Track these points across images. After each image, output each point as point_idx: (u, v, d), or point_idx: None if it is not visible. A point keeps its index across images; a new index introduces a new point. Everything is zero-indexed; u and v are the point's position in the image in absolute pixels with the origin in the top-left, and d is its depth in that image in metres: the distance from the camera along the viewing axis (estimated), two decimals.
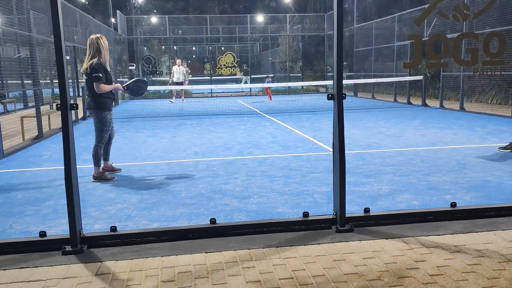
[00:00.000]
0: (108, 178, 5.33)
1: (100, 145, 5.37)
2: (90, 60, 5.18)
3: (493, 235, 3.27)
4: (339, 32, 3.30)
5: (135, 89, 5.61)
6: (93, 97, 5.25)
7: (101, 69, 5.17)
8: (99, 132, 5.33)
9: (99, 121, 5.29)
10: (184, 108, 15.41)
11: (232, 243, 3.23)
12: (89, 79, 5.20)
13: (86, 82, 5.31)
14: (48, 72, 13.61)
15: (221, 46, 30.66)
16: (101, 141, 5.37)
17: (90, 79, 5.18)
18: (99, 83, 5.16)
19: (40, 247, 3.17)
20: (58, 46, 3.00)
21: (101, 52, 5.20)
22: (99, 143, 5.36)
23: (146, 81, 5.71)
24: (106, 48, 5.28)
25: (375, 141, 7.66)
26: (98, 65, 5.16)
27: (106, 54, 5.28)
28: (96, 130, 5.34)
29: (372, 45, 18.43)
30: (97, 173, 5.33)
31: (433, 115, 11.52)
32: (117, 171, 5.73)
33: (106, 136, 5.41)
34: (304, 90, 24.10)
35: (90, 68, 5.16)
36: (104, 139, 5.39)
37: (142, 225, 3.70)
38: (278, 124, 10.48)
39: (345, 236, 3.32)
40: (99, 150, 5.36)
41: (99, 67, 5.16)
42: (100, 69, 5.17)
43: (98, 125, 5.31)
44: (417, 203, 4.12)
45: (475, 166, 5.53)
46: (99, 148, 5.36)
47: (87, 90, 5.37)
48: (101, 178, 5.30)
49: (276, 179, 5.14)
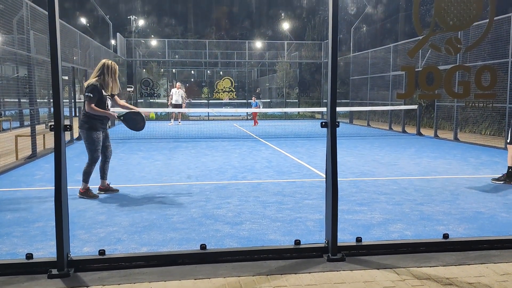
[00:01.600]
0: (93, 195, 5.42)
1: (92, 164, 5.46)
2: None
3: (485, 268, 3.24)
4: (333, 61, 3.36)
5: (131, 123, 5.63)
6: (83, 116, 5.40)
7: (94, 90, 5.30)
8: (89, 151, 5.45)
9: (85, 140, 5.43)
10: (180, 131, 15.44)
11: (222, 270, 3.18)
12: (84, 99, 5.35)
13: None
14: (45, 92, 13.67)
15: (219, 70, 31.01)
16: (92, 160, 5.46)
17: (84, 100, 5.33)
18: (90, 103, 5.28)
19: (26, 269, 3.11)
20: (55, 68, 3.03)
21: (104, 75, 5.36)
22: (91, 162, 5.46)
23: (142, 116, 5.65)
24: (112, 74, 5.41)
25: (369, 169, 7.68)
26: (92, 86, 5.31)
27: (110, 79, 5.39)
28: (86, 149, 5.46)
29: (367, 74, 18.69)
30: (83, 189, 5.43)
31: (427, 144, 11.59)
32: (114, 191, 5.72)
33: (97, 155, 5.47)
34: (300, 116, 24.27)
35: (85, 87, 5.35)
36: (95, 158, 5.46)
37: (132, 249, 3.65)
38: (273, 149, 10.50)
39: (336, 265, 3.28)
40: (90, 168, 5.45)
41: (93, 88, 5.30)
42: (94, 90, 5.30)
43: (86, 143, 5.44)
44: (410, 233, 4.10)
45: (468, 197, 5.53)
46: (91, 166, 5.45)
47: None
48: (86, 195, 5.39)
49: (269, 205, 5.11)
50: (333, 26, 3.31)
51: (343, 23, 26.73)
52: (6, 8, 8.14)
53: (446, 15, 3.54)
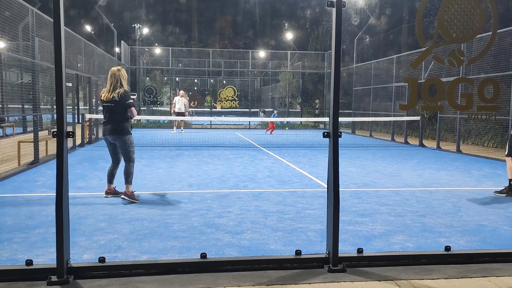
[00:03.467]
0: (135, 199, 5.62)
1: (133, 164, 5.73)
2: (114, 90, 5.55)
3: (487, 281, 3.22)
4: (336, 72, 3.36)
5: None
6: (118, 123, 5.59)
7: (130, 97, 5.66)
8: (129, 153, 5.68)
9: (125, 144, 5.64)
10: (182, 139, 15.46)
11: (222, 279, 3.16)
12: (116, 106, 5.54)
13: (107, 108, 5.60)
14: (49, 98, 13.72)
15: (222, 79, 31.11)
16: (132, 160, 5.72)
17: (120, 106, 5.53)
18: (133, 107, 5.65)
19: (26, 276, 3.10)
20: (59, 76, 3.04)
21: (122, 82, 5.59)
22: (131, 162, 5.70)
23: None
24: (125, 79, 5.67)
25: (372, 179, 7.66)
26: (128, 93, 5.63)
27: (125, 84, 5.66)
28: (124, 153, 5.69)
29: (370, 85, 18.73)
30: (128, 191, 5.62)
31: (429, 156, 11.57)
32: (120, 194, 5.81)
33: (134, 155, 5.76)
34: (302, 125, 24.28)
35: (121, 96, 5.52)
36: (134, 158, 5.74)
37: (132, 257, 3.64)
38: (275, 158, 10.49)
39: (337, 276, 3.26)
40: (132, 169, 5.70)
41: (129, 95, 5.66)
42: (130, 97, 5.66)
43: (126, 147, 5.65)
44: (411, 245, 4.08)
45: (470, 210, 5.50)
46: (132, 166, 5.71)
47: (107, 116, 5.64)
48: (132, 198, 5.59)
49: (271, 214, 5.10)
50: (336, 37, 3.33)
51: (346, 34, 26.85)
52: (12, 15, 8.22)
53: (449, 27, 3.56)
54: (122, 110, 5.58)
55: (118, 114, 5.56)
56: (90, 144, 13.15)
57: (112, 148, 5.77)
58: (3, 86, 10.64)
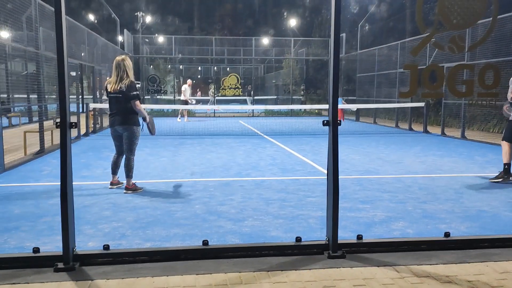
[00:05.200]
0: (139, 189, 5.68)
1: (133, 158, 5.73)
2: (121, 80, 5.53)
3: (485, 267, 3.26)
4: (335, 60, 3.37)
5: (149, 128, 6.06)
6: (128, 114, 5.59)
7: (137, 89, 5.65)
8: (133, 145, 5.70)
9: (133, 135, 5.65)
10: (185, 128, 15.52)
11: (224, 265, 3.23)
12: (124, 97, 5.52)
13: (115, 99, 5.60)
14: (54, 88, 13.79)
15: (226, 67, 31.05)
16: (133, 153, 5.73)
17: (127, 97, 5.52)
18: (138, 100, 5.60)
19: (33, 263, 3.18)
20: (61, 66, 3.08)
21: (128, 72, 5.56)
22: (132, 155, 5.71)
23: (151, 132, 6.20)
24: (131, 69, 5.63)
25: (374, 166, 7.68)
26: (134, 84, 5.60)
27: (131, 73, 5.62)
28: (128, 144, 5.67)
29: (375, 71, 18.62)
30: (129, 185, 5.64)
31: (434, 142, 11.56)
32: (121, 184, 5.91)
33: (136, 148, 5.76)
34: (306, 113, 24.24)
35: (128, 87, 5.51)
36: (135, 150, 5.75)
37: (136, 245, 3.71)
38: (278, 146, 10.53)
39: (336, 262, 3.32)
40: (132, 162, 5.71)
41: (136, 87, 5.64)
42: (137, 88, 5.65)
43: (132, 139, 5.66)
44: (411, 231, 4.12)
45: (472, 196, 5.53)
46: (133, 160, 5.72)
47: (115, 108, 5.63)
48: (134, 189, 5.63)
49: (272, 202, 5.16)
50: (335, 26, 3.33)
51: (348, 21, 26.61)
52: (15, 6, 8.23)
53: (450, 14, 3.55)
54: (130, 100, 5.58)
55: (127, 104, 5.54)
56: (95, 134, 13.25)
57: (119, 139, 5.75)
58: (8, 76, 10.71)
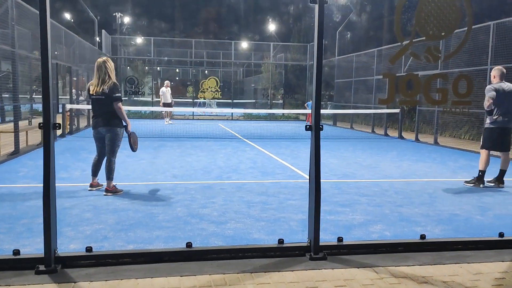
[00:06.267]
0: (119, 191, 5.65)
1: (114, 160, 5.69)
2: (103, 83, 5.48)
3: (459, 268, 3.40)
4: (318, 65, 3.47)
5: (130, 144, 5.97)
6: (110, 116, 5.55)
7: (119, 91, 5.62)
8: (115, 147, 5.66)
9: (115, 137, 5.61)
10: (164, 130, 15.43)
11: (208, 267, 3.27)
12: (106, 98, 5.48)
13: (97, 102, 5.55)
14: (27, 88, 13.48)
15: (204, 70, 30.98)
16: (115, 155, 5.69)
17: (109, 99, 5.48)
18: (120, 102, 5.57)
19: (13, 265, 3.15)
20: (45, 66, 3.07)
21: (110, 74, 5.53)
22: (114, 157, 5.68)
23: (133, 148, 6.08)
24: (113, 70, 5.60)
25: (351, 171, 7.85)
26: (117, 86, 5.57)
27: (113, 75, 5.59)
28: (111, 145, 5.63)
29: (352, 77, 18.96)
30: (110, 187, 5.60)
31: (408, 148, 11.86)
32: (100, 186, 5.87)
33: (118, 150, 5.72)
34: (284, 117, 24.44)
35: (110, 88, 5.47)
36: (117, 152, 5.70)
37: (118, 247, 3.70)
38: (258, 149, 10.61)
39: (318, 263, 3.40)
40: (114, 164, 5.68)
41: (118, 89, 5.61)
42: (119, 90, 5.61)
43: (114, 141, 5.62)
44: (389, 234, 4.25)
45: (445, 200, 5.73)
46: (114, 162, 5.68)
47: (98, 110, 5.60)
48: (115, 191, 5.61)
49: (254, 205, 5.22)
50: (319, 32, 3.43)
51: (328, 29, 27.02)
52: None
53: (426, 25, 3.70)
54: (113, 103, 5.54)
55: (109, 106, 5.51)
56: (71, 135, 13.03)
57: (101, 140, 5.70)
58: None
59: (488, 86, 6.45)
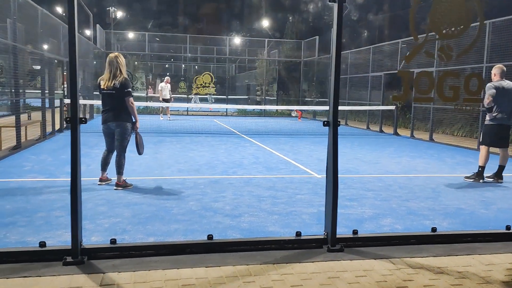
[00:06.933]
0: (129, 185, 5.70)
1: (124, 154, 5.73)
2: (114, 77, 5.53)
3: (472, 259, 3.54)
4: (337, 62, 3.56)
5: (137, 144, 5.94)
6: (121, 110, 5.61)
7: (131, 86, 5.68)
8: (125, 142, 5.71)
9: (125, 131, 5.66)
10: (162, 125, 15.43)
11: (230, 259, 3.35)
12: (117, 93, 5.53)
13: (108, 96, 5.60)
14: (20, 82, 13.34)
15: (198, 65, 30.93)
16: (125, 150, 5.73)
17: (120, 94, 5.53)
18: (131, 97, 5.63)
19: (40, 257, 3.20)
20: (73, 66, 3.11)
21: (121, 69, 5.57)
22: (123, 152, 5.72)
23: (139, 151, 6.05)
24: (124, 65, 5.64)
25: (353, 166, 7.98)
26: (128, 81, 5.62)
27: (124, 70, 5.63)
28: (120, 140, 5.67)
29: (347, 74, 19.11)
30: (120, 181, 5.65)
31: (405, 144, 12.04)
32: (109, 180, 5.91)
33: (127, 145, 5.76)
34: (278, 113, 24.53)
35: (122, 83, 5.52)
36: (126, 147, 5.74)
37: (139, 239, 3.77)
38: (258, 145, 10.69)
39: (336, 255, 3.51)
40: (123, 159, 5.73)
41: (129, 84, 5.66)
42: (130, 85, 5.68)
43: (124, 135, 5.67)
44: (400, 227, 4.38)
45: (448, 194, 5.88)
46: (123, 157, 5.73)
47: (108, 104, 5.65)
48: (124, 185, 5.65)
49: (264, 199, 5.31)
50: (338, 31, 3.52)
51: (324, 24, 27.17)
52: None
53: (440, 24, 3.81)
54: (124, 97, 5.59)
55: (120, 101, 5.57)
56: (69, 130, 12.95)
57: (111, 135, 5.75)
58: None
59: (489, 84, 6.61)
